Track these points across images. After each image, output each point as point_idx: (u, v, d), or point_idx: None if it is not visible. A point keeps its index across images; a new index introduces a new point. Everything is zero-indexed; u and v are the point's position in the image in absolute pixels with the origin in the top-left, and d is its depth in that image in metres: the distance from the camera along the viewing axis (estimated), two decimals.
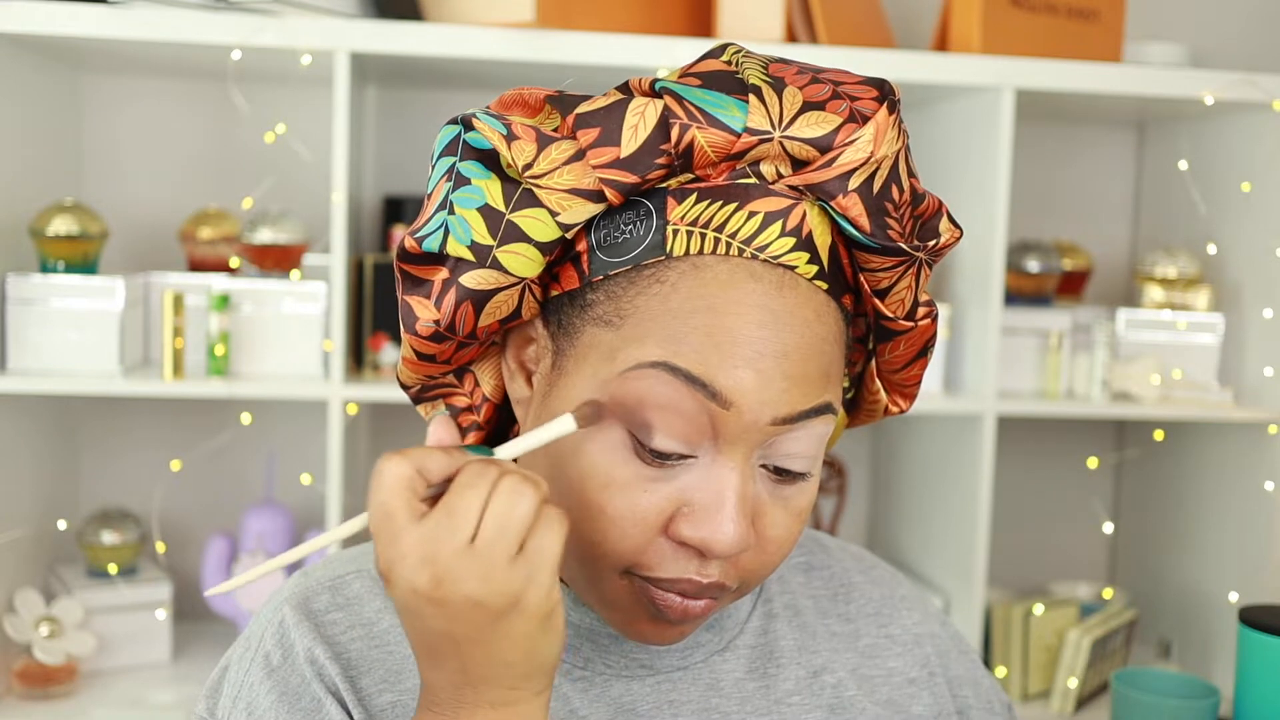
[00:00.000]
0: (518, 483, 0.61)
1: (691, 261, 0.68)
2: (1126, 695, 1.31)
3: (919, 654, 0.87)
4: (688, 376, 0.66)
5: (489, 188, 0.69)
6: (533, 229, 0.68)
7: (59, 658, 1.66)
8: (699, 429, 0.67)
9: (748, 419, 0.67)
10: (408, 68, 1.77)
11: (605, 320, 0.69)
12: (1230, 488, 1.89)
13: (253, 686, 0.73)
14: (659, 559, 0.69)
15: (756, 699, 0.79)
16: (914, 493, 1.99)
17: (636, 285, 0.68)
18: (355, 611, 0.76)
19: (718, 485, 0.67)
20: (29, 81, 1.72)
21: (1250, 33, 2.17)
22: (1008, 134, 1.70)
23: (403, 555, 0.60)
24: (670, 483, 0.68)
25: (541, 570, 0.62)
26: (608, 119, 0.67)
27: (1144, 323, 1.86)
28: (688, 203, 0.68)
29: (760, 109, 0.67)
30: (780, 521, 0.70)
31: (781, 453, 0.69)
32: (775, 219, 0.68)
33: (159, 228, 1.96)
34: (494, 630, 0.61)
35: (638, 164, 0.67)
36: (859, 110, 0.68)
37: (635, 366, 0.67)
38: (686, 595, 0.69)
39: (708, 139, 0.67)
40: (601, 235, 0.70)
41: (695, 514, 0.67)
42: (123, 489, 1.98)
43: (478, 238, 0.69)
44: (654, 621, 0.71)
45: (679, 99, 0.68)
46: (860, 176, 0.68)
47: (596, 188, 0.67)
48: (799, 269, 0.68)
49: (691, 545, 0.68)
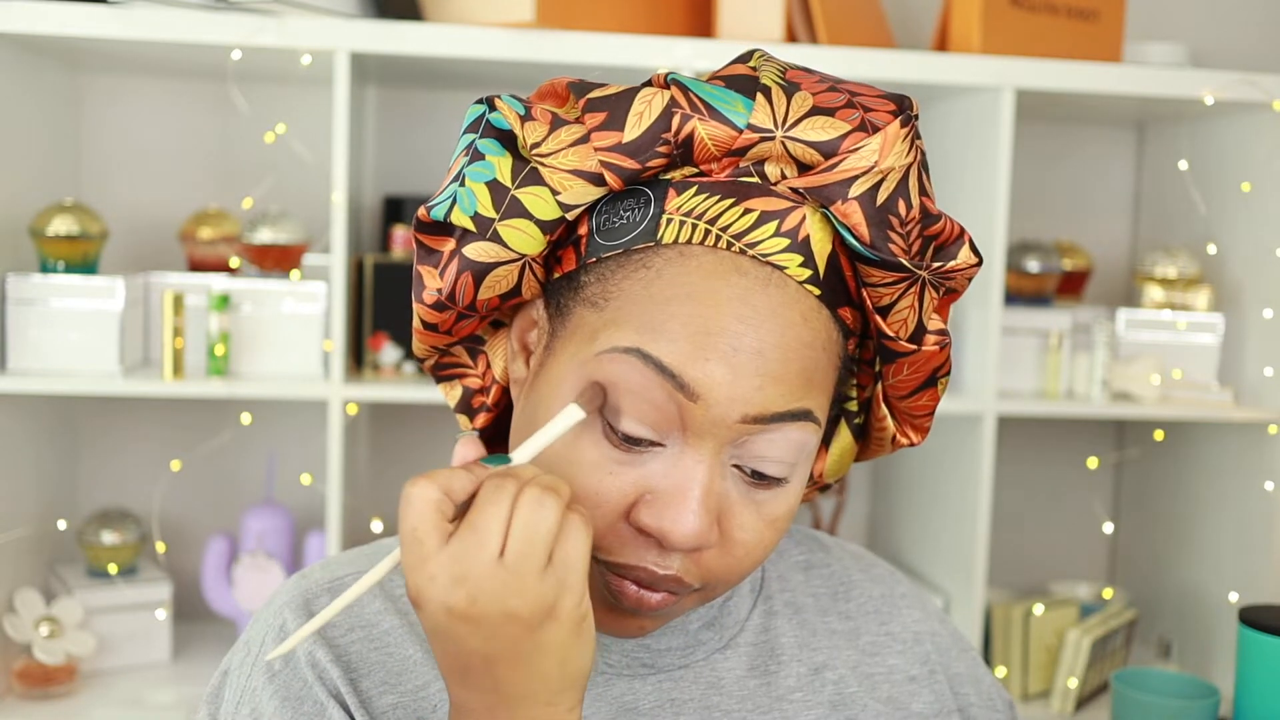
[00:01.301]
0: (539, 493, 0.61)
1: (679, 249, 0.68)
2: (1126, 695, 1.31)
3: (919, 651, 0.87)
4: (658, 365, 0.66)
5: (500, 164, 0.70)
6: (534, 206, 0.69)
7: (59, 658, 1.66)
8: (667, 418, 0.67)
9: (715, 413, 0.66)
10: (408, 68, 1.77)
11: (592, 301, 0.70)
12: (1230, 488, 1.89)
13: (255, 691, 0.73)
14: (618, 543, 0.69)
15: (758, 696, 0.80)
16: (914, 493, 1.99)
17: (624, 269, 0.69)
18: (355, 613, 0.76)
19: (682, 476, 0.67)
20: (28, 81, 1.72)
21: (1250, 33, 2.17)
22: (1008, 134, 1.70)
23: (432, 577, 0.60)
24: (637, 468, 0.68)
25: (572, 575, 0.62)
26: (616, 105, 0.69)
27: (1144, 323, 1.86)
28: (687, 194, 0.69)
29: (765, 107, 0.68)
30: (749, 525, 0.70)
31: (754, 454, 0.68)
32: (771, 219, 0.68)
33: (159, 228, 1.96)
34: (530, 643, 0.61)
35: (639, 150, 0.68)
36: (871, 120, 0.68)
37: (610, 350, 0.67)
38: (642, 584, 0.69)
39: (709, 132, 0.67)
40: (601, 220, 0.71)
41: (657, 502, 0.67)
42: (123, 489, 1.98)
43: (481, 209, 0.70)
44: (610, 610, 0.71)
45: (685, 90, 0.68)
46: (863, 184, 0.67)
47: (598, 170, 0.68)
48: (789, 270, 0.68)
49: (650, 533, 0.68)
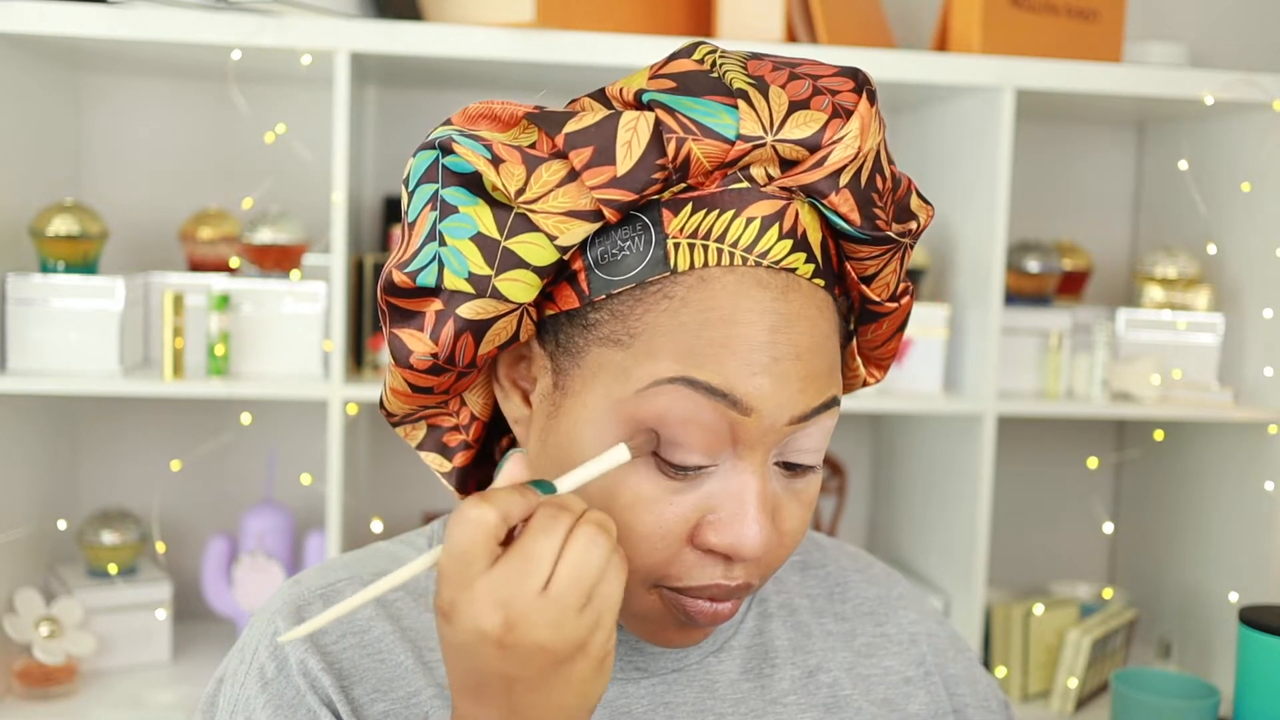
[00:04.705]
0: (594, 531, 0.61)
1: (698, 275, 0.67)
2: (1126, 695, 1.31)
3: (915, 652, 0.87)
4: (707, 389, 0.66)
5: (479, 214, 0.68)
6: (530, 254, 0.67)
7: (59, 658, 1.66)
8: (719, 438, 0.67)
9: (767, 423, 0.67)
10: (408, 68, 1.77)
11: (614, 340, 0.69)
12: (1230, 488, 1.89)
13: (249, 700, 0.73)
14: (686, 569, 0.69)
15: (752, 699, 0.79)
16: (914, 493, 1.99)
17: (644, 303, 0.68)
18: (347, 619, 0.76)
19: (739, 490, 0.68)
20: (29, 81, 1.72)
21: (1250, 33, 2.17)
22: (1008, 134, 1.70)
23: (474, 598, 0.60)
24: (693, 493, 0.68)
25: (608, 615, 0.62)
26: (599, 136, 0.66)
27: (1144, 323, 1.86)
28: (684, 214, 0.68)
29: (751, 114, 0.67)
30: (794, 514, 0.72)
31: (795, 449, 0.70)
32: (771, 222, 0.68)
33: (159, 228, 1.96)
34: (556, 675, 0.61)
35: (634, 180, 0.66)
36: (840, 105, 0.68)
37: (653, 384, 0.67)
38: (716, 600, 0.70)
39: (703, 150, 0.66)
40: (599, 253, 0.69)
41: (720, 521, 0.68)
42: (123, 489, 1.98)
43: (474, 269, 0.68)
44: (682, 629, 0.72)
45: (670, 111, 0.67)
46: (849, 173, 0.68)
47: (594, 208, 0.67)
48: (799, 270, 0.69)
49: (719, 552, 0.68)
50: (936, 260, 1.91)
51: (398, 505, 2.04)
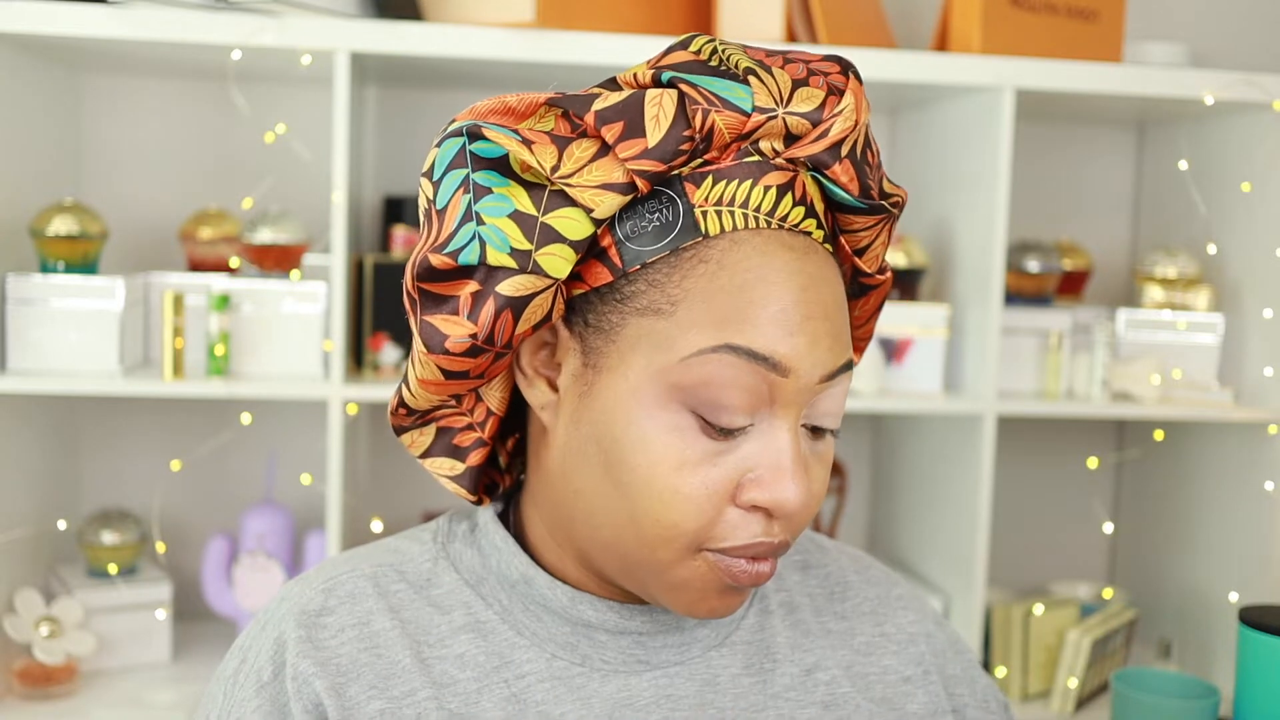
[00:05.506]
0: None
1: (729, 238, 0.71)
2: (1126, 695, 1.31)
3: (914, 652, 0.87)
4: (749, 354, 0.69)
5: (514, 194, 0.70)
6: (567, 228, 0.70)
7: (59, 658, 1.66)
8: (759, 399, 0.70)
9: (803, 381, 0.70)
10: (408, 68, 1.77)
11: (654, 309, 0.71)
12: (1230, 488, 1.89)
13: (243, 703, 0.74)
14: (730, 528, 0.71)
15: (752, 695, 0.80)
16: (914, 493, 1.99)
17: (680, 269, 0.70)
18: (348, 611, 0.76)
19: (779, 448, 0.71)
20: (29, 81, 1.72)
21: (1250, 33, 2.17)
22: (1008, 134, 1.70)
23: None
24: (734, 453, 0.71)
25: None
26: (628, 111, 0.70)
27: (1144, 323, 1.86)
28: (705, 185, 0.71)
29: (763, 89, 0.71)
30: (819, 475, 0.74)
31: (820, 411, 0.73)
32: (785, 190, 0.72)
33: (159, 228, 1.96)
34: None
35: (664, 151, 0.69)
36: (833, 84, 0.72)
37: (698, 352, 0.69)
38: (757, 559, 0.72)
39: (725, 121, 0.70)
40: (628, 227, 0.71)
41: (762, 479, 0.70)
42: (123, 489, 1.98)
43: (515, 244, 0.70)
44: (724, 595, 0.73)
45: (692, 86, 0.70)
46: (848, 145, 0.72)
47: (627, 179, 0.69)
48: (814, 235, 0.73)
49: (762, 508, 0.71)
50: (936, 260, 1.91)
51: (398, 505, 2.04)
